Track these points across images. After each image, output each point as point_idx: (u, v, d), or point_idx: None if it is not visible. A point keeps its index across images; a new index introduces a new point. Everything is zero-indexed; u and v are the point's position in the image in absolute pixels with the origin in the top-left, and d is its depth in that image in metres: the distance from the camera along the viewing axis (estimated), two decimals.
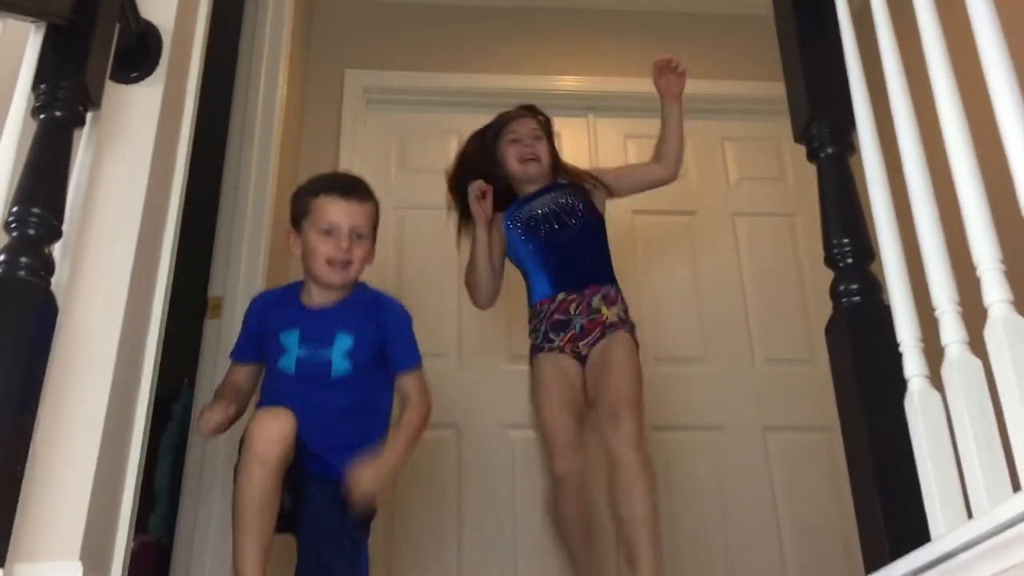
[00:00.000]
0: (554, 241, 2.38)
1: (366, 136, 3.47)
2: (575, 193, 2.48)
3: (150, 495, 2.71)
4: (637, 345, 2.30)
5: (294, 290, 2.06)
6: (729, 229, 3.46)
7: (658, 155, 2.61)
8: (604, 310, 2.28)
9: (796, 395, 3.12)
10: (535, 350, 2.34)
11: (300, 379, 1.95)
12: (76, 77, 1.40)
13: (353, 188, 2.02)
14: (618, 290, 2.35)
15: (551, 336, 2.30)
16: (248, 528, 1.71)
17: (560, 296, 2.31)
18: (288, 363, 1.96)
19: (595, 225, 2.43)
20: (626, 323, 2.30)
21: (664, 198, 3.48)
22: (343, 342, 1.98)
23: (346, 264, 1.96)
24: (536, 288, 2.39)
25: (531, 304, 2.40)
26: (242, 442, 1.79)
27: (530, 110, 2.62)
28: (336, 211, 1.96)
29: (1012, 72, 1.07)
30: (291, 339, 1.97)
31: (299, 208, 2.01)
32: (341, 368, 1.96)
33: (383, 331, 2.02)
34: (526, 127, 2.54)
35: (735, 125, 3.62)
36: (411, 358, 2.04)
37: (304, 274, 2.02)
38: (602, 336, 2.25)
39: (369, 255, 2.03)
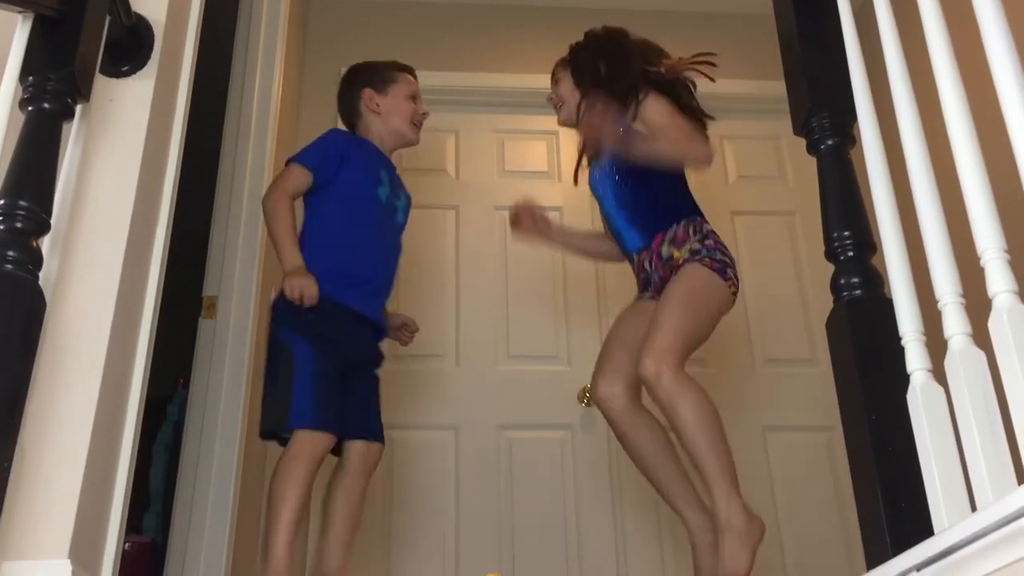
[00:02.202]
0: (610, 203, 2.28)
1: None
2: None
3: (144, 495, 2.69)
4: (714, 269, 2.08)
5: (364, 142, 2.37)
6: (728, 228, 3.43)
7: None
8: (675, 253, 2.13)
9: (796, 395, 3.11)
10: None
11: (385, 213, 2.30)
12: (65, 69, 1.38)
13: None
14: (689, 223, 2.17)
15: (640, 292, 2.25)
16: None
17: (635, 257, 2.23)
18: (384, 193, 2.29)
19: (640, 172, 2.22)
20: (699, 253, 2.10)
21: None
22: (404, 199, 2.40)
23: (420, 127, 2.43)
24: (625, 244, 2.29)
25: None
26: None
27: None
28: (417, 87, 2.47)
29: (1016, 62, 1.05)
30: (384, 175, 2.32)
31: (386, 76, 2.43)
32: (402, 221, 2.39)
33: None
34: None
35: (734, 124, 3.59)
36: None
37: (372, 132, 2.37)
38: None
39: None
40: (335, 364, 2.06)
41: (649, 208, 2.23)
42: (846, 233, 1.37)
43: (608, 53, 2.39)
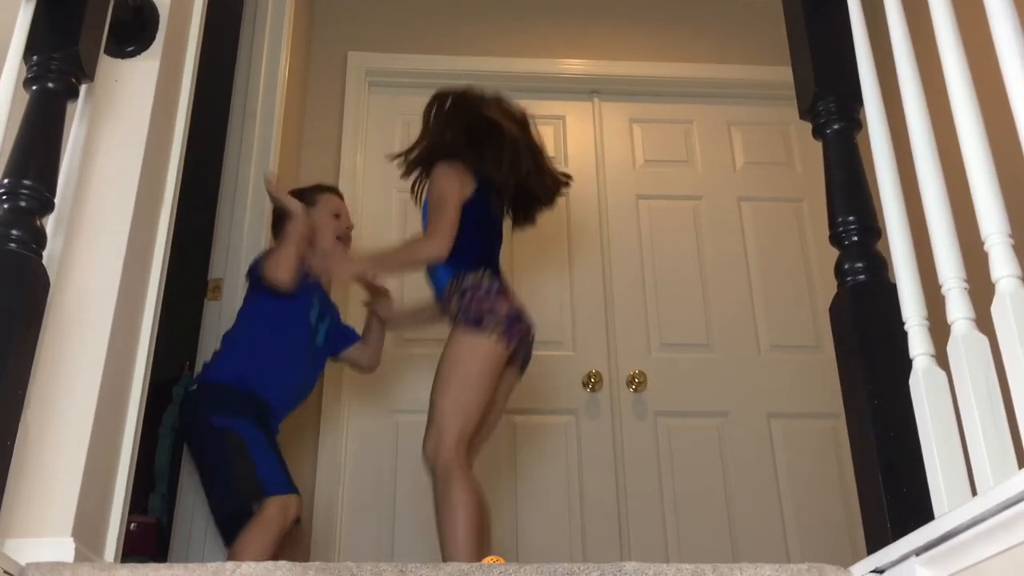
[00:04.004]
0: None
1: (369, 119, 3.45)
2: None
3: (150, 477, 2.70)
4: (470, 325, 2.19)
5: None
6: (735, 214, 3.43)
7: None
8: (449, 313, 2.28)
9: (801, 382, 3.11)
10: None
11: (311, 335, 2.45)
12: (69, 48, 1.37)
13: None
14: (455, 280, 2.27)
15: None
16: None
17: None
18: (313, 316, 2.44)
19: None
20: (459, 312, 2.23)
21: (670, 182, 3.48)
22: (328, 320, 2.54)
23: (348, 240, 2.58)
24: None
25: None
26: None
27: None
28: (341, 204, 2.63)
29: (1023, 47, 1.04)
30: (315, 300, 2.46)
31: (308, 200, 2.49)
32: (321, 342, 2.50)
33: None
34: None
35: (742, 110, 3.59)
36: None
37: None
38: None
39: None
40: (271, 437, 2.23)
41: (437, 266, 2.33)
42: (851, 218, 1.36)
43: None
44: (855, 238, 1.35)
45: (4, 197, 1.27)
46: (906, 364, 1.17)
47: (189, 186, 1.88)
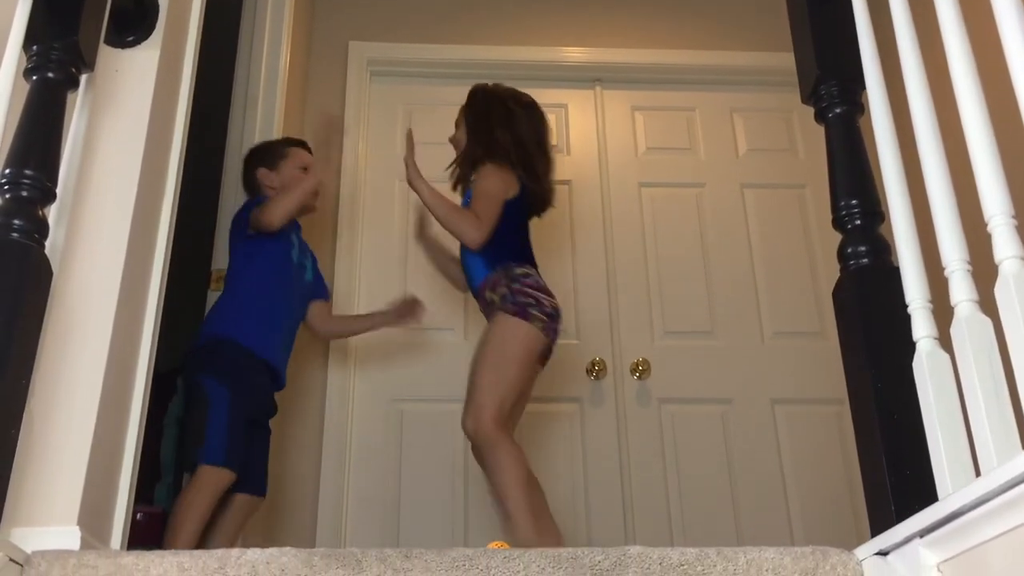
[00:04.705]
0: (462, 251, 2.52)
1: (370, 108, 3.44)
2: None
3: (156, 467, 2.71)
4: (516, 311, 2.31)
5: None
6: (738, 201, 3.42)
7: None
8: (494, 297, 2.37)
9: (804, 368, 3.10)
10: None
11: (296, 273, 2.56)
12: (69, 38, 1.37)
13: None
14: (504, 269, 2.38)
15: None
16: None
17: (474, 295, 2.50)
18: (295, 255, 2.56)
19: None
20: (505, 299, 2.33)
21: (672, 170, 3.47)
22: (310, 259, 2.67)
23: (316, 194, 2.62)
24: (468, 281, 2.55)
25: None
26: None
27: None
28: (308, 157, 2.63)
29: None
30: (295, 239, 2.57)
31: (277, 152, 2.60)
32: (310, 279, 2.65)
33: None
34: None
35: (744, 96, 3.58)
36: None
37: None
38: None
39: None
40: (246, 412, 2.28)
41: (483, 252, 2.42)
42: (853, 202, 1.36)
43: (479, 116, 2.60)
44: (858, 222, 1.35)
45: (6, 187, 1.27)
46: (909, 347, 1.17)
47: (191, 176, 1.88)
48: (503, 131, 2.52)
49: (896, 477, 1.13)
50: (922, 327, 1.16)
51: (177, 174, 1.76)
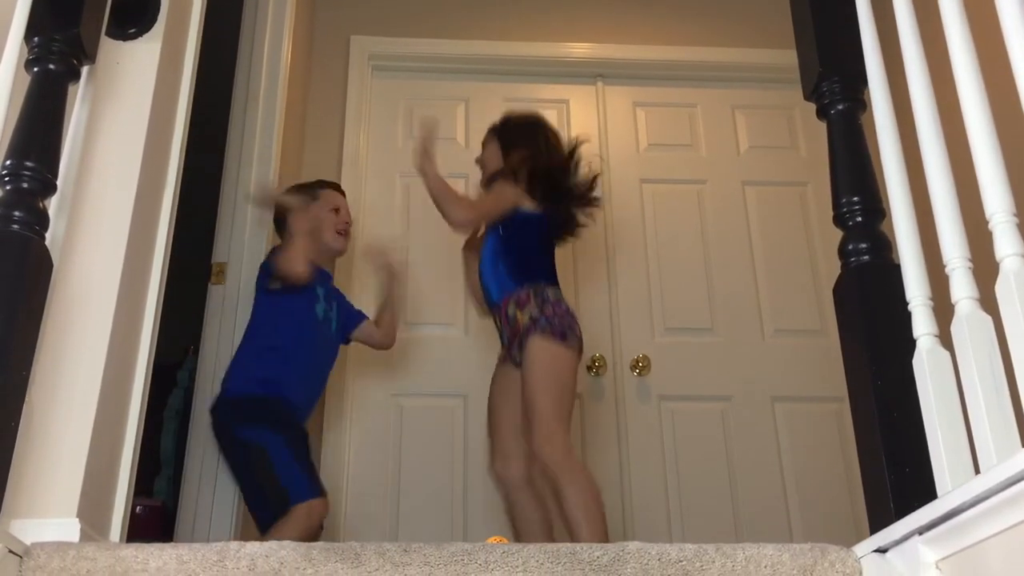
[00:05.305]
0: (486, 252, 2.49)
1: (372, 103, 3.44)
2: None
3: (156, 460, 2.72)
4: (555, 336, 2.28)
5: None
6: (739, 198, 3.42)
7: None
8: (519, 315, 2.33)
9: (805, 366, 3.10)
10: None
11: (320, 329, 2.51)
12: (70, 30, 1.37)
13: None
14: (532, 287, 2.35)
15: (502, 344, 2.45)
16: None
17: (492, 310, 2.45)
18: (320, 310, 2.50)
19: (495, 237, 2.46)
20: (538, 322, 2.30)
21: (674, 166, 3.47)
22: (335, 308, 2.59)
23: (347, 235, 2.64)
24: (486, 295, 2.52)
25: None
26: None
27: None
28: (341, 200, 2.67)
29: None
30: (320, 292, 2.51)
31: (308, 195, 2.57)
32: (335, 331, 2.59)
33: None
34: None
35: (746, 93, 3.57)
36: None
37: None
38: (522, 344, 2.31)
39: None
40: (296, 440, 2.25)
41: (507, 268, 2.41)
42: (855, 199, 1.36)
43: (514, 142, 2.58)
44: (859, 219, 1.35)
45: (6, 179, 1.26)
46: (910, 344, 1.16)
47: (192, 169, 1.88)
48: (525, 155, 2.51)
49: (895, 474, 1.13)
50: (922, 324, 1.16)
51: (178, 167, 1.76)
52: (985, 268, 1.07)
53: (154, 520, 2.53)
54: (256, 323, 2.42)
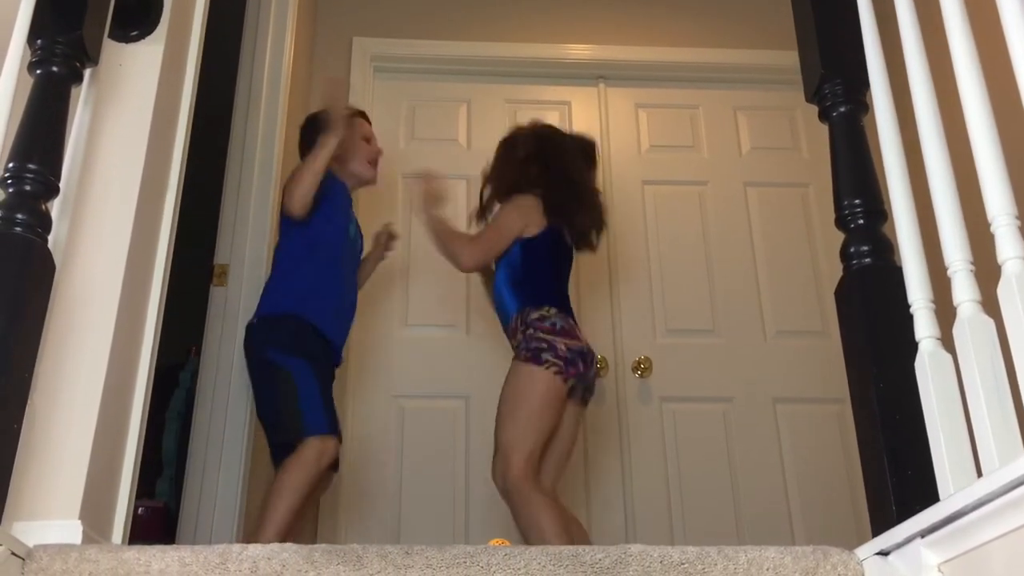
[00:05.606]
0: (500, 271, 2.51)
1: (374, 105, 3.43)
2: None
3: (158, 461, 2.72)
4: (529, 358, 2.28)
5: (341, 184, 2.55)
6: (741, 200, 3.42)
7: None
8: (512, 343, 2.39)
9: (806, 367, 3.10)
10: None
11: (351, 248, 2.56)
12: (73, 32, 1.37)
13: None
14: (520, 314, 2.38)
15: None
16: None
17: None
18: (352, 230, 2.55)
19: (503, 262, 2.49)
20: (518, 347, 2.33)
21: (676, 168, 3.47)
22: (359, 233, 2.65)
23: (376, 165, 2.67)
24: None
25: None
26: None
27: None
28: (370, 129, 2.69)
29: None
30: (352, 214, 2.58)
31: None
32: (360, 250, 2.66)
33: None
34: None
35: (748, 95, 3.57)
36: None
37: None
38: None
39: None
40: (325, 376, 2.25)
41: (509, 295, 2.44)
42: (856, 201, 1.36)
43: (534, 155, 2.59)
44: (861, 221, 1.35)
45: (9, 181, 1.27)
46: (912, 347, 1.16)
47: (194, 171, 1.88)
48: (535, 167, 2.52)
49: (897, 477, 1.13)
50: (924, 327, 1.16)
51: (180, 169, 1.76)
52: (987, 271, 1.07)
53: (156, 521, 2.53)
54: (290, 243, 2.40)
